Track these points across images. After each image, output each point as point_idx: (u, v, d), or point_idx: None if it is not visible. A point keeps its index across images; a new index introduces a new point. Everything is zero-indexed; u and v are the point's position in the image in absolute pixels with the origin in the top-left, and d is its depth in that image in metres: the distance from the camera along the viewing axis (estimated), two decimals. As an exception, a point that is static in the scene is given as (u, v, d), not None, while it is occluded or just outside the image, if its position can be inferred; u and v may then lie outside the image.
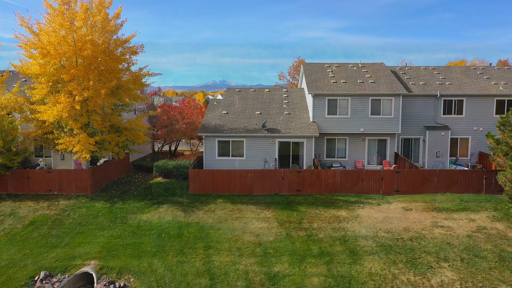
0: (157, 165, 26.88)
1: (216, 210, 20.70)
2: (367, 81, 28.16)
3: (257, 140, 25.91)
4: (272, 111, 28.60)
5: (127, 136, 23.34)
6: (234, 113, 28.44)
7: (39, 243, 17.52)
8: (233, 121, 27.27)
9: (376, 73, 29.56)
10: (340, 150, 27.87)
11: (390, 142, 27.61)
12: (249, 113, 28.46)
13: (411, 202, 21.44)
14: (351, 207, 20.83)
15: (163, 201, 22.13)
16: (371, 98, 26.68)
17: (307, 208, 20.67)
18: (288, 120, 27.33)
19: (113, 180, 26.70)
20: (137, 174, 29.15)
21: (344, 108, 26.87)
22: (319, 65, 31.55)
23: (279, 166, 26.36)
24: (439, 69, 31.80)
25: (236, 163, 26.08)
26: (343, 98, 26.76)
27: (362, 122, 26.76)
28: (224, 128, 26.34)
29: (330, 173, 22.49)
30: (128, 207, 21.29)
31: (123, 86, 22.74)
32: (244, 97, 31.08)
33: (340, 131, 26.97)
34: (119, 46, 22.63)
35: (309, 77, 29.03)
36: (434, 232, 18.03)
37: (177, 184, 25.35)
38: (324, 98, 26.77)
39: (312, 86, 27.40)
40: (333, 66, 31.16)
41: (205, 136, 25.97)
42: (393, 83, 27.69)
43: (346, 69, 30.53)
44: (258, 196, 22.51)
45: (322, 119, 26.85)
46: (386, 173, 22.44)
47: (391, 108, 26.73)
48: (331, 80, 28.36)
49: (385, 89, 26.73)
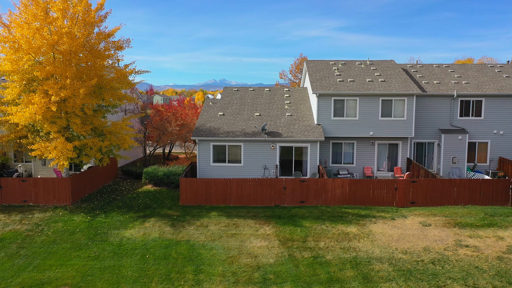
0: (147, 172, 24.52)
1: (209, 225, 18.33)
2: (376, 80, 25.76)
3: (256, 144, 23.53)
4: (273, 113, 26.21)
5: (111, 141, 20.95)
6: (231, 115, 26.05)
7: (4, 265, 15.13)
8: (230, 124, 24.88)
9: (386, 71, 27.14)
10: (347, 155, 25.49)
11: (402, 146, 25.21)
12: (248, 114, 26.08)
13: (429, 216, 19.05)
14: (362, 221, 18.45)
15: (150, 214, 19.75)
16: (381, 99, 24.29)
17: (312, 223, 18.29)
18: (290, 122, 24.94)
19: (97, 188, 24.32)
20: (125, 181, 26.77)
21: (352, 110, 24.46)
22: (323, 63, 29.14)
23: (280, 173, 23.98)
24: (453, 67, 29.38)
25: (233, 170, 23.71)
26: (350, 98, 24.35)
27: (371, 124, 24.36)
28: (220, 131, 23.96)
29: (338, 183, 20.11)
30: (110, 221, 18.91)
31: (106, 85, 20.36)
32: (243, 97, 28.69)
33: (347, 135, 24.57)
34: (102, 40, 20.26)
35: (313, 76, 26.63)
36: (459, 253, 15.65)
37: (167, 194, 22.96)
38: (329, 99, 24.37)
39: (316, 85, 25.00)
40: (339, 64, 28.74)
41: (198, 140, 23.58)
42: (405, 82, 25.29)
43: (353, 67, 28.12)
44: (257, 209, 20.13)
45: (327, 121, 24.46)
46: (400, 183, 20.06)
47: (403, 109, 24.33)
48: (337, 79, 25.95)
49: (397, 89, 24.32)
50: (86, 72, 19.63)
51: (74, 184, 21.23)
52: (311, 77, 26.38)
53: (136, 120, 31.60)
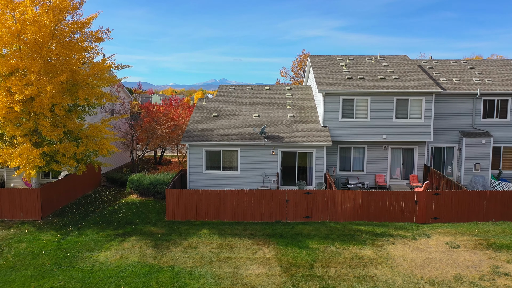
0: (131, 180, 21.78)
1: (199, 245, 15.58)
2: (389, 76, 23.00)
3: (255, 149, 20.78)
4: (273, 114, 23.46)
5: (87, 146, 18.20)
6: (226, 116, 23.30)
7: None
8: (225, 126, 22.13)
9: (400, 67, 24.39)
10: (356, 161, 22.73)
11: (419, 151, 22.46)
12: (245, 115, 23.33)
13: (456, 235, 16.30)
14: (378, 242, 15.70)
15: (131, 232, 16.98)
16: (396, 98, 21.53)
17: (319, 244, 15.54)
18: (292, 124, 22.19)
19: (75, 198, 21.57)
20: (109, 189, 24.01)
21: (363, 110, 21.71)
22: (329, 58, 26.38)
23: (282, 182, 21.24)
24: (472, 63, 26.63)
25: (228, 178, 20.96)
26: (361, 97, 21.60)
27: (384, 127, 21.61)
28: (214, 135, 21.21)
29: (349, 195, 17.37)
30: (83, 241, 16.16)
31: (81, 81, 17.61)
32: (240, 96, 25.94)
33: (357, 139, 21.82)
34: (77, 30, 17.52)
35: (319, 72, 23.89)
36: (498, 284, 12.93)
37: (153, 206, 20.21)
38: (337, 98, 21.61)
39: (322, 82, 22.25)
40: (346, 59, 25.98)
41: (189, 145, 20.82)
42: (422, 79, 22.53)
43: (362, 63, 25.37)
44: (255, 225, 17.37)
45: (335, 123, 21.71)
46: (421, 195, 17.31)
47: (421, 110, 21.57)
48: (346, 76, 23.20)
49: (414, 87, 21.57)
50: (57, 67, 16.88)
51: (45, 196, 18.48)
52: (316, 74, 23.63)
53: (123, 122, 28.84)
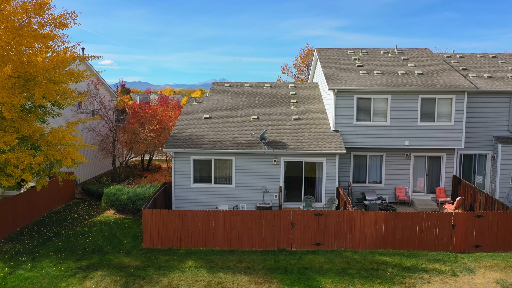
0: (107, 194, 18.40)
1: (181, 285, 12.17)
2: (411, 72, 19.61)
3: (253, 158, 17.39)
4: (275, 115, 20.06)
5: (47, 155, 14.80)
6: (220, 118, 19.89)
7: None
8: (218, 130, 18.73)
9: (422, 62, 20.99)
10: (373, 171, 19.34)
11: (447, 160, 19.06)
12: (242, 117, 19.93)
13: (506, 269, 12.90)
14: (409, 279, 12.29)
15: (98, 264, 13.55)
16: (421, 97, 18.14)
17: (335, 282, 12.12)
18: (298, 128, 18.79)
19: (39, 216, 18.17)
20: (83, 204, 20.60)
21: (381, 111, 18.31)
22: (339, 51, 22.97)
23: (285, 197, 17.85)
24: (503, 57, 23.22)
25: (221, 193, 17.58)
26: (379, 96, 18.21)
27: (407, 131, 18.23)
28: (204, 141, 17.81)
29: (370, 218, 13.97)
30: (36, 277, 12.74)
31: (38, 75, 14.20)
32: (236, 95, 22.52)
33: (374, 145, 18.43)
34: (31, 12, 14.11)
35: (328, 67, 20.48)
36: None
37: (129, 227, 16.78)
38: (351, 97, 18.22)
39: (333, 78, 18.85)
40: (359, 52, 22.56)
41: (174, 154, 17.41)
42: (451, 74, 19.14)
43: (378, 57, 21.96)
44: (253, 255, 13.93)
45: (348, 127, 18.32)
46: (459, 218, 13.91)
47: (450, 111, 18.18)
48: (360, 71, 19.80)
49: (442, 83, 18.18)
50: (6, 57, 13.49)
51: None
52: (325, 69, 20.22)
53: (103, 124, 25.38)
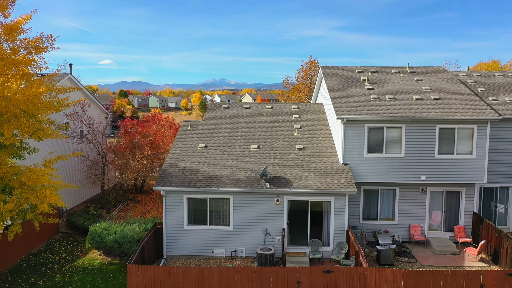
0: (92, 234, 16.67)
1: None
2: (427, 97, 17.85)
3: (253, 198, 15.64)
4: (277, 144, 18.29)
5: (21, 200, 13.05)
6: (217, 147, 18.13)
7: None
8: (214, 163, 16.97)
9: (437, 83, 19.23)
10: (385, 207, 17.59)
11: (467, 195, 17.31)
12: (241, 146, 18.17)
13: None
14: None
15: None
16: (439, 126, 16.39)
17: None
18: (303, 160, 17.03)
19: (16, 260, 16.40)
20: (67, 240, 18.83)
21: (395, 143, 16.56)
22: (346, 70, 21.19)
23: (289, 240, 16.09)
24: (524, 76, 21.47)
25: (217, 236, 15.82)
26: (393, 126, 16.45)
27: (423, 165, 16.47)
28: (199, 176, 16.05)
29: (386, 276, 12.22)
30: None
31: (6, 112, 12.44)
32: (235, 117, 20.75)
33: (388, 180, 16.68)
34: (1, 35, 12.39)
35: (335, 90, 18.72)
36: None
37: (114, 278, 14.97)
38: (362, 126, 16.47)
39: (341, 105, 17.09)
40: (368, 72, 20.78)
41: (165, 192, 15.65)
42: (471, 100, 17.39)
43: (389, 77, 20.20)
44: (253, 319, 12.18)
45: (358, 159, 16.57)
46: (489, 277, 12.16)
47: (471, 142, 16.44)
48: (370, 95, 18.03)
49: (462, 112, 16.43)
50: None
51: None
52: (332, 92, 18.47)
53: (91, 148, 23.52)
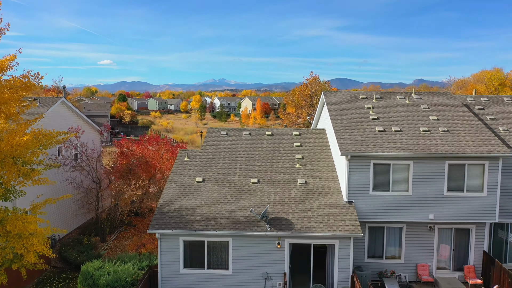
0: (84, 274, 15.83)
1: None
2: (435, 128, 17.05)
3: (253, 241, 14.83)
4: (278, 178, 17.48)
5: (6, 249, 12.25)
6: (215, 181, 17.31)
7: None
8: (212, 200, 16.16)
9: (445, 112, 18.44)
10: (391, 245, 16.78)
11: (477, 234, 16.52)
12: (240, 181, 17.34)
13: None
14: None
15: None
16: (448, 163, 15.61)
17: None
18: (305, 198, 16.21)
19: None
20: (58, 278, 18.00)
21: (402, 179, 15.77)
22: (349, 96, 20.37)
23: (291, 285, 15.28)
24: (534, 102, 20.67)
25: (216, 281, 14.99)
26: (400, 162, 15.66)
27: (432, 203, 15.68)
28: (196, 217, 15.24)
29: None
30: None
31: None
32: (234, 146, 19.92)
33: (394, 218, 15.89)
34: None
35: (338, 120, 17.91)
36: None
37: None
38: (367, 163, 15.67)
39: (345, 139, 16.27)
40: (372, 98, 19.96)
41: (160, 235, 14.83)
42: (481, 133, 16.59)
43: (394, 104, 19.38)
44: None
45: (363, 197, 15.77)
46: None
47: (482, 179, 15.65)
48: (376, 127, 17.23)
49: (473, 147, 15.64)
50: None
51: None
52: (335, 123, 17.67)
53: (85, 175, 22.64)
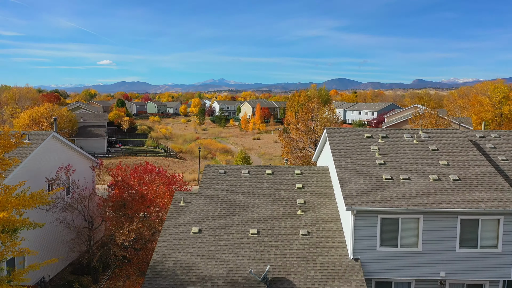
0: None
1: None
2: (445, 176, 16.06)
3: (252, 304, 13.84)
4: (279, 227, 16.47)
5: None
6: (212, 232, 16.29)
7: None
8: (209, 256, 15.14)
9: (455, 155, 17.44)
10: (399, 301, 15.83)
11: (490, 290, 15.58)
12: (239, 231, 16.32)
13: None
14: None
15: None
16: (460, 218, 14.64)
17: None
18: (307, 253, 15.20)
19: None
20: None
21: (411, 234, 14.79)
22: (354, 134, 19.35)
23: None
24: (547, 139, 19.69)
25: None
26: (409, 216, 14.69)
27: (443, 259, 14.71)
28: (191, 277, 14.22)
29: None
30: None
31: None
32: (232, 187, 18.90)
33: (403, 276, 14.92)
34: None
35: (343, 164, 16.90)
36: None
37: None
38: (374, 218, 14.69)
39: (351, 190, 15.27)
40: (378, 137, 18.94)
41: (153, 300, 13.86)
42: (495, 182, 15.59)
43: (401, 144, 18.38)
44: None
45: (369, 253, 14.78)
46: None
47: (496, 235, 14.69)
48: (383, 174, 16.23)
49: (487, 201, 14.65)
50: None
51: None
52: (339, 168, 16.67)
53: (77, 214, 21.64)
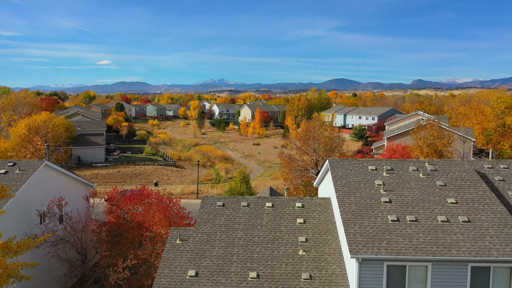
0: None
1: None
2: (454, 217, 15.31)
3: None
4: (280, 269, 15.70)
5: None
6: (209, 276, 15.54)
7: None
8: (206, 304, 14.42)
9: (463, 192, 16.69)
10: None
11: (502, 338, 14.82)
12: (237, 274, 15.57)
13: None
14: None
15: None
16: (471, 265, 13.90)
17: None
18: (310, 301, 14.48)
19: None
20: None
21: (419, 283, 14.02)
22: (357, 166, 18.57)
23: None
24: (558, 170, 18.93)
25: None
26: (417, 264, 13.94)
27: (453, 309, 13.99)
28: (187, 330, 13.51)
29: None
30: None
31: None
32: (230, 224, 18.13)
33: (410, 326, 14.18)
34: None
35: (347, 203, 16.13)
36: None
37: None
38: (380, 265, 13.94)
39: (355, 236, 14.50)
40: (383, 170, 18.15)
41: None
42: (506, 224, 14.82)
43: (407, 179, 17.60)
44: None
45: (375, 302, 14.05)
46: None
47: (508, 283, 13.94)
48: (388, 214, 15.48)
49: (499, 247, 13.90)
50: None
51: None
52: (343, 208, 15.91)
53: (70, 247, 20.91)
